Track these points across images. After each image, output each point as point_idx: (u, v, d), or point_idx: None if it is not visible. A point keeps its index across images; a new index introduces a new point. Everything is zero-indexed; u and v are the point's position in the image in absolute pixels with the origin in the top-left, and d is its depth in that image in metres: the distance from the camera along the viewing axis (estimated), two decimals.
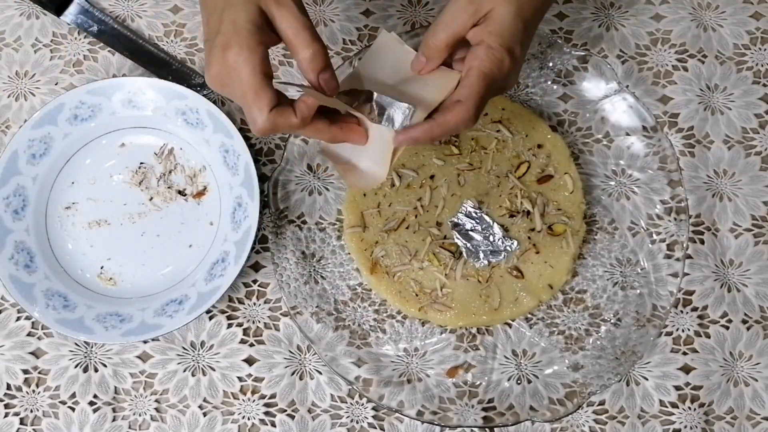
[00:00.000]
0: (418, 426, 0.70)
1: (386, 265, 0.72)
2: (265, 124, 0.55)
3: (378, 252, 0.72)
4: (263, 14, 0.56)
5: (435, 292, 0.71)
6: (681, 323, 0.72)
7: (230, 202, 0.73)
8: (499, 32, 0.58)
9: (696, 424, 0.70)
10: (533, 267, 0.71)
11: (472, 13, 0.59)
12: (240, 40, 0.54)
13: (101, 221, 0.75)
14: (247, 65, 0.54)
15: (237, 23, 0.54)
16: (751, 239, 0.74)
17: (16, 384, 0.71)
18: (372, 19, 0.81)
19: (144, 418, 0.70)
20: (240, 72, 0.54)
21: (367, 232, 0.72)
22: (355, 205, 0.73)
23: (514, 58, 0.59)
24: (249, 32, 0.54)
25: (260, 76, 0.54)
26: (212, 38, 0.56)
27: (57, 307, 0.70)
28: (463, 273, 0.71)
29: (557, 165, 0.74)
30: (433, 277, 0.71)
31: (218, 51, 0.55)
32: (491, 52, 0.58)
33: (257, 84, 0.54)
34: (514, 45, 0.59)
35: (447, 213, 0.73)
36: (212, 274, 0.71)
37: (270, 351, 0.72)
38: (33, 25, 0.81)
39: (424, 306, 0.70)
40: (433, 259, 0.71)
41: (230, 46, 0.54)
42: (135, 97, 0.74)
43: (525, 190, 0.73)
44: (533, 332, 0.71)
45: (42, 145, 0.74)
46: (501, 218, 0.72)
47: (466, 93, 0.58)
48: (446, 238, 0.72)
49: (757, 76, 0.78)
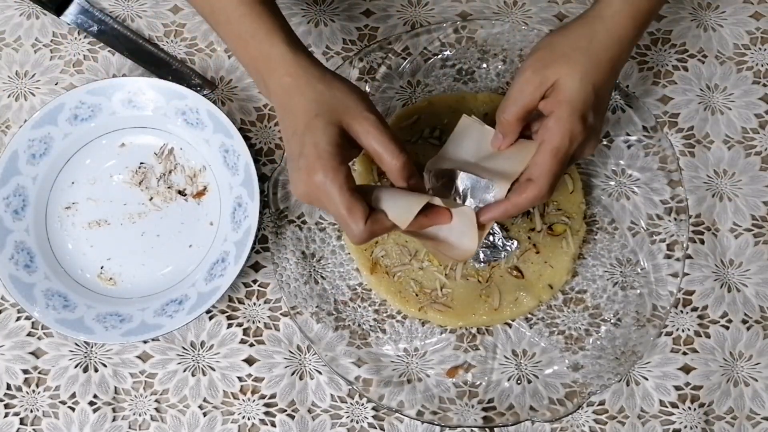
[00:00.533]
0: (418, 426, 0.70)
1: (386, 265, 0.72)
2: (363, 235, 0.57)
3: (378, 252, 0.72)
4: (344, 133, 0.58)
5: (435, 292, 0.71)
6: (681, 323, 0.72)
7: (230, 202, 0.73)
8: (568, 100, 0.59)
9: (696, 424, 0.70)
10: (533, 267, 0.71)
11: (537, 85, 0.60)
12: (324, 164, 0.56)
13: (101, 221, 0.75)
14: (335, 186, 0.55)
15: (319, 147, 0.56)
16: (751, 239, 0.74)
17: (16, 384, 0.71)
18: (372, 19, 0.81)
19: (144, 418, 0.70)
20: (329, 193, 0.56)
21: None
22: None
23: (587, 125, 0.59)
24: (331, 155, 0.56)
25: (348, 193, 0.56)
26: (295, 159, 0.57)
27: (57, 307, 0.70)
28: (463, 273, 0.71)
29: None
30: (433, 277, 0.71)
31: (303, 174, 0.57)
32: (561, 124, 0.59)
33: (347, 201, 0.56)
34: (586, 112, 0.59)
35: None
36: (212, 274, 0.71)
37: (270, 351, 0.72)
38: (33, 25, 0.81)
39: (424, 306, 0.70)
40: (433, 259, 0.71)
41: (315, 170, 0.56)
42: (135, 97, 0.74)
43: None
44: (533, 332, 0.71)
45: (42, 145, 0.74)
46: None
47: (537, 172, 0.59)
48: None
49: (757, 76, 0.78)
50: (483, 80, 0.78)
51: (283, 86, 0.59)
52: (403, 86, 0.78)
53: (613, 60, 0.60)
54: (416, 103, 0.77)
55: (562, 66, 0.59)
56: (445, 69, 0.78)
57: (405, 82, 0.78)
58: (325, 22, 0.80)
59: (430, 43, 0.78)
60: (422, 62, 0.78)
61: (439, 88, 0.78)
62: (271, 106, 0.78)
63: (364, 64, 0.77)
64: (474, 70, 0.78)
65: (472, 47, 0.78)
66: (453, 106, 0.76)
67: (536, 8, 0.80)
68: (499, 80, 0.78)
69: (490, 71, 0.78)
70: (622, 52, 0.61)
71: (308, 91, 0.58)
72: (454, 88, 0.78)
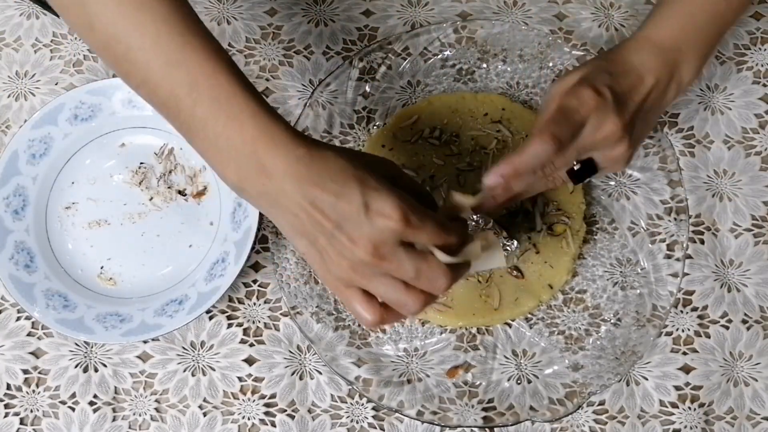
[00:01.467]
0: (418, 426, 0.70)
1: None
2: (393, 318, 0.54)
3: None
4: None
5: None
6: (681, 323, 0.72)
7: (230, 202, 0.73)
8: (580, 71, 0.60)
9: (696, 424, 0.70)
10: (533, 267, 0.71)
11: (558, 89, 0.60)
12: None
13: (101, 221, 0.75)
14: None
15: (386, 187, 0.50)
16: (751, 239, 0.74)
17: (16, 384, 0.71)
18: (372, 19, 0.81)
19: (144, 418, 0.70)
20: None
21: None
22: None
23: (605, 100, 0.58)
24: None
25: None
26: (359, 212, 0.49)
27: (57, 307, 0.70)
28: None
29: None
30: None
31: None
32: (563, 83, 0.60)
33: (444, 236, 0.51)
34: (601, 85, 0.58)
35: None
36: (212, 274, 0.71)
37: (270, 351, 0.72)
38: (33, 25, 0.81)
39: None
40: None
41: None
42: (135, 97, 0.74)
43: None
44: (533, 332, 0.71)
45: (42, 145, 0.74)
46: (501, 218, 0.72)
47: (537, 125, 0.58)
48: None
49: (757, 76, 0.78)
50: (483, 80, 0.78)
51: (300, 157, 0.49)
52: (403, 86, 0.78)
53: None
54: (416, 103, 0.77)
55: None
56: (445, 69, 0.78)
57: (405, 82, 0.78)
58: (325, 22, 0.80)
59: (430, 43, 0.78)
60: (422, 62, 0.78)
61: (439, 88, 0.78)
62: None
63: (364, 64, 0.77)
64: (474, 70, 0.78)
65: (472, 47, 0.78)
66: (453, 106, 0.76)
67: (536, 8, 0.81)
68: (499, 80, 0.78)
69: (490, 71, 0.78)
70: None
71: (333, 152, 0.50)
72: (454, 88, 0.78)
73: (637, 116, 0.60)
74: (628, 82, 0.60)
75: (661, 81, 0.61)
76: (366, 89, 0.77)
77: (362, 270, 0.50)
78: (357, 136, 0.76)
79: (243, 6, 0.81)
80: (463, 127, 0.75)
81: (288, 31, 0.80)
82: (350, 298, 0.52)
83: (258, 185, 0.50)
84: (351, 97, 0.77)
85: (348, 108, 0.77)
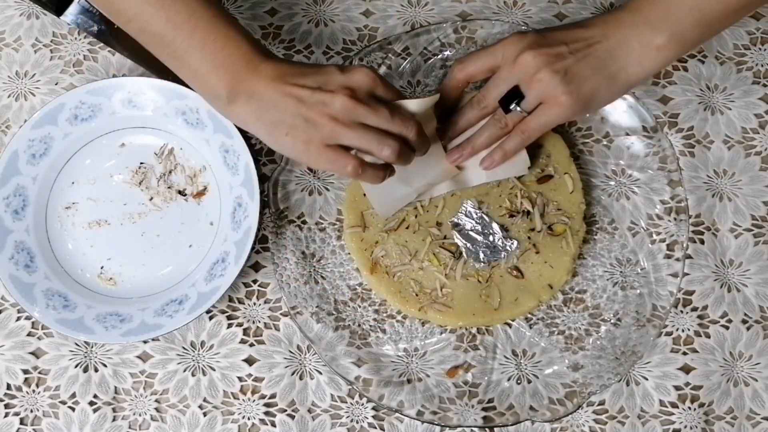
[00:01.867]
0: (418, 426, 0.70)
1: (386, 265, 0.72)
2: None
3: (378, 252, 0.72)
4: None
5: (435, 292, 0.71)
6: (681, 323, 0.72)
7: (230, 202, 0.73)
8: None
9: (696, 424, 0.70)
10: (533, 267, 0.71)
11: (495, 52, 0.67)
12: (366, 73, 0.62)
13: (101, 221, 0.75)
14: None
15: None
16: (751, 239, 0.74)
17: (16, 384, 0.71)
18: (372, 19, 0.81)
19: (144, 418, 0.70)
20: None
21: (367, 232, 0.72)
22: (355, 205, 0.73)
23: (522, 36, 0.65)
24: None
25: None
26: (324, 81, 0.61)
27: (57, 307, 0.70)
28: (463, 273, 0.71)
29: (557, 165, 0.74)
30: (433, 277, 0.71)
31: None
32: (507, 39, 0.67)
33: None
34: (534, 44, 0.64)
35: (447, 213, 0.73)
36: (212, 274, 0.71)
37: (270, 351, 0.72)
38: (33, 25, 0.81)
39: (424, 306, 0.70)
40: (433, 259, 0.71)
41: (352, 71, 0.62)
42: (135, 97, 0.74)
43: (525, 190, 0.73)
44: (533, 332, 0.71)
45: (42, 145, 0.74)
46: (501, 218, 0.72)
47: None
48: (446, 238, 0.72)
49: (757, 76, 0.78)
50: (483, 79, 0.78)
51: (284, 62, 0.62)
52: (403, 86, 0.78)
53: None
54: None
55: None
56: (445, 69, 0.78)
57: (405, 82, 0.78)
58: (325, 22, 0.80)
59: (430, 43, 0.78)
60: (422, 62, 0.78)
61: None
62: None
63: (364, 64, 0.77)
64: None
65: (472, 47, 0.78)
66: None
67: (536, 8, 0.80)
68: None
69: None
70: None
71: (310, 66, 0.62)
72: None
73: (570, 55, 0.63)
74: (561, 31, 0.64)
75: (609, 33, 0.63)
76: None
77: (343, 117, 0.59)
78: None
79: (243, 6, 0.81)
80: None
81: (288, 31, 0.80)
82: (333, 154, 0.60)
83: (251, 86, 0.60)
84: None
85: None
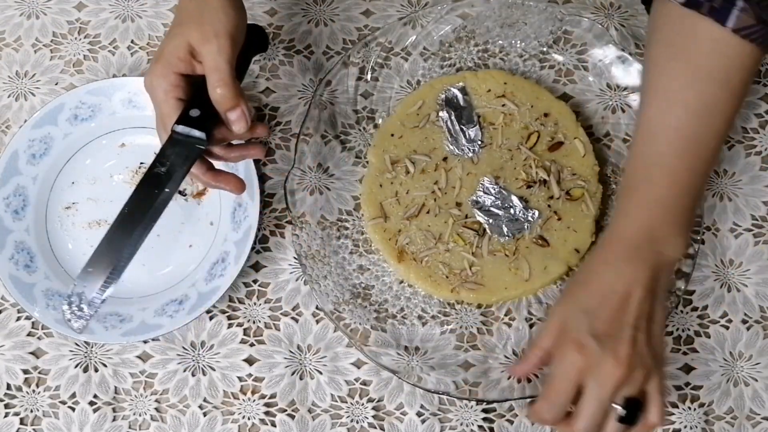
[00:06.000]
0: (418, 426, 0.70)
1: (412, 252, 0.71)
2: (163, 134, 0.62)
3: (402, 240, 0.72)
4: (191, 47, 0.61)
5: (464, 271, 0.71)
6: (681, 323, 0.72)
7: (230, 202, 0.73)
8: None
9: (696, 424, 0.70)
10: (557, 234, 0.72)
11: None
12: (156, 67, 0.61)
13: (101, 221, 0.75)
14: (160, 89, 0.61)
15: (164, 51, 0.61)
16: (751, 239, 0.74)
17: (16, 384, 0.71)
18: (372, 19, 0.81)
19: (144, 418, 0.70)
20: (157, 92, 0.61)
21: (388, 221, 0.72)
22: (373, 197, 0.73)
23: (583, 347, 0.55)
24: (168, 62, 0.61)
25: (172, 101, 0.61)
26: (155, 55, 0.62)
27: (57, 307, 0.70)
28: (489, 249, 0.71)
29: (566, 131, 0.74)
30: (460, 257, 0.71)
31: (149, 68, 0.62)
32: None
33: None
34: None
35: (465, 192, 0.73)
36: (212, 274, 0.71)
37: (270, 351, 0.72)
38: (33, 25, 0.81)
39: (455, 287, 0.70)
40: (458, 240, 0.71)
41: (150, 70, 0.61)
42: (135, 97, 0.74)
43: (538, 159, 0.73)
44: (533, 332, 0.71)
45: (42, 145, 0.74)
46: (519, 190, 0.72)
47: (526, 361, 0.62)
48: (468, 217, 0.72)
49: (757, 76, 0.78)
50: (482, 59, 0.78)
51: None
52: (403, 86, 0.78)
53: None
54: (419, 89, 0.77)
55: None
56: (445, 69, 0.78)
57: (405, 82, 0.78)
58: (325, 22, 0.80)
59: (430, 43, 0.78)
60: (422, 61, 0.78)
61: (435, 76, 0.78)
62: (271, 106, 0.78)
63: (363, 63, 0.77)
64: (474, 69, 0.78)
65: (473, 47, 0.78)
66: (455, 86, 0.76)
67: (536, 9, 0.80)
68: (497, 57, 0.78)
69: (488, 49, 0.78)
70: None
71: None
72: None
73: (638, 335, 0.55)
74: (610, 310, 0.55)
75: (648, 282, 0.56)
76: (366, 89, 0.77)
77: None
78: (357, 136, 0.77)
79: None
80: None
81: (288, 31, 0.80)
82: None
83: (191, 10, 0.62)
84: (351, 97, 0.77)
85: (348, 108, 0.77)
